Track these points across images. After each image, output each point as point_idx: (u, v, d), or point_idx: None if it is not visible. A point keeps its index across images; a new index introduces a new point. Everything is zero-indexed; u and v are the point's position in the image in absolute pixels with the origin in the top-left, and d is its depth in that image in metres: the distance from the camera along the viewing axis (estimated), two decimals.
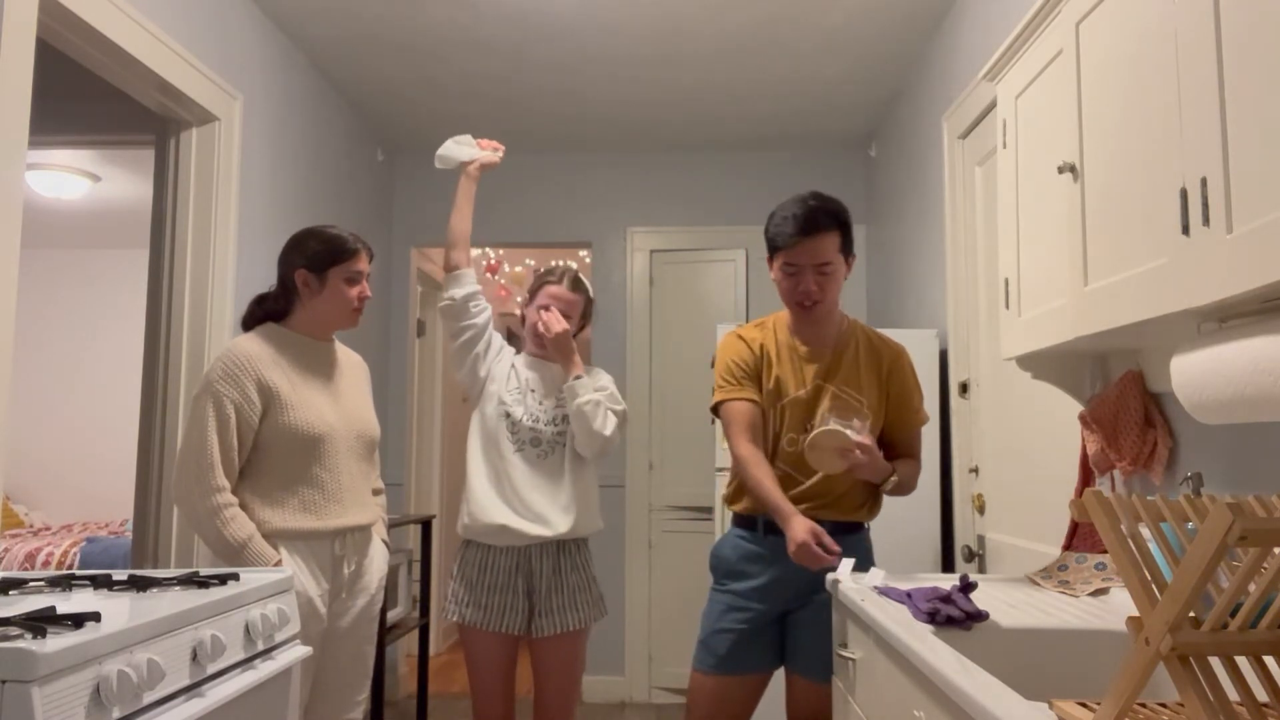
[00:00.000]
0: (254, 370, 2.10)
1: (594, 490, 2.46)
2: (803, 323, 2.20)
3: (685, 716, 2.24)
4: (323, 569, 2.18)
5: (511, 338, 2.79)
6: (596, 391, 2.38)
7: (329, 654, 2.26)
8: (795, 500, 2.08)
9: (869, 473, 2.05)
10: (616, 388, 2.51)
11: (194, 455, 2.05)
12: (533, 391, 2.45)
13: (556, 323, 2.40)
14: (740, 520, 2.24)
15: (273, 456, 2.13)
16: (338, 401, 2.25)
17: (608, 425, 2.35)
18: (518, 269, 6.29)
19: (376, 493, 2.43)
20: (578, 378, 2.38)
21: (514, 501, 2.35)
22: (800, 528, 1.93)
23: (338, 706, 2.29)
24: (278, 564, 2.07)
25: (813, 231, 2.07)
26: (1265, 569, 0.90)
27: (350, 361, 2.38)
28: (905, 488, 2.15)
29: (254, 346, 2.15)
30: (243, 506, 2.10)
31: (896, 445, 2.19)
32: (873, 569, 1.97)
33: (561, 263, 2.68)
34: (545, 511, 2.35)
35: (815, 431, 2.00)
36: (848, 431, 1.97)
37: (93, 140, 3.76)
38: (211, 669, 1.55)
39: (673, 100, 3.94)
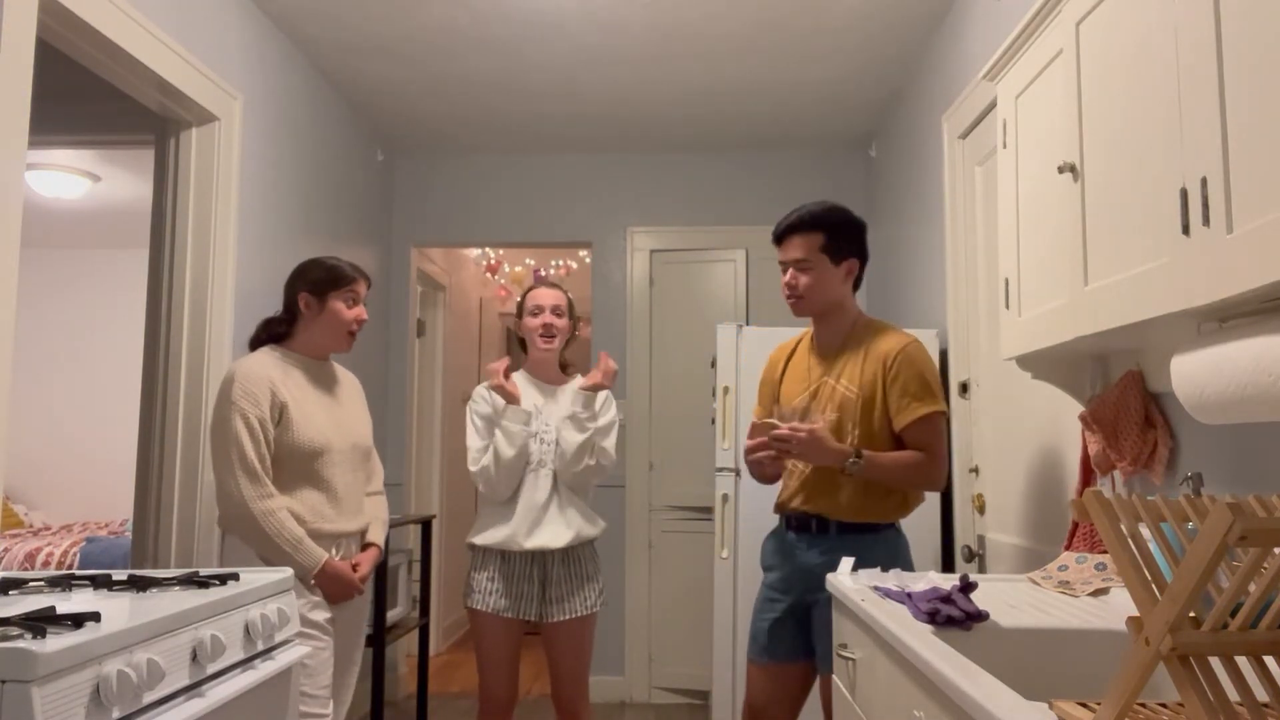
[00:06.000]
0: (268, 387, 2.27)
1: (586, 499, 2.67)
2: (816, 324, 2.37)
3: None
4: None
5: (512, 339, 2.84)
6: (583, 417, 2.57)
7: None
8: (794, 490, 2.29)
9: (813, 458, 2.16)
10: (611, 395, 2.71)
11: (240, 466, 2.21)
12: (540, 414, 2.62)
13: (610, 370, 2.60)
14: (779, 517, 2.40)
15: (280, 466, 2.28)
16: (335, 415, 2.42)
17: (579, 463, 2.55)
18: (517, 269, 6.29)
19: (372, 494, 2.57)
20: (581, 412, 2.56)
21: (523, 520, 2.53)
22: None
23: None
24: (327, 562, 2.26)
25: (787, 233, 2.28)
26: (1265, 569, 0.90)
27: (347, 379, 2.56)
28: (885, 473, 2.17)
29: (263, 366, 2.31)
30: None
31: (903, 438, 2.21)
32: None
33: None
34: (550, 527, 2.54)
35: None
36: (773, 420, 2.18)
37: (93, 140, 3.76)
38: (211, 669, 1.55)
39: (673, 100, 3.94)
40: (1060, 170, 1.58)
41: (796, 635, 2.29)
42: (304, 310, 2.41)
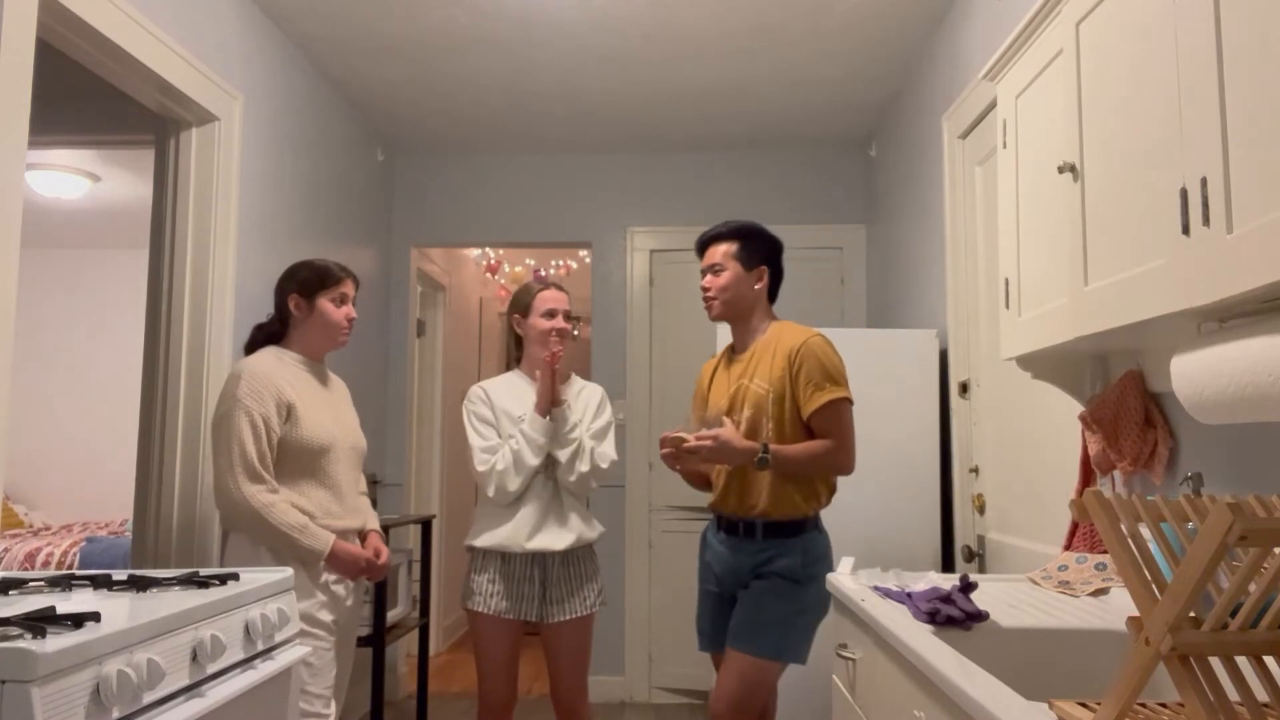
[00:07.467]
0: (274, 387, 2.28)
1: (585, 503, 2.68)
2: (733, 332, 2.51)
3: None
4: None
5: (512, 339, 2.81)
6: (573, 431, 2.56)
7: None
8: (723, 492, 2.41)
9: (724, 460, 2.29)
10: (606, 396, 2.74)
11: (241, 463, 2.22)
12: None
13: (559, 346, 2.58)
14: None
15: (287, 463, 2.29)
16: (337, 414, 2.45)
17: (575, 471, 2.53)
18: (517, 269, 6.29)
19: (360, 494, 2.59)
20: (567, 421, 2.54)
21: (523, 524, 2.53)
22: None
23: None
24: (335, 542, 2.29)
25: (708, 243, 2.49)
26: (1265, 569, 0.90)
27: (337, 382, 2.59)
28: (796, 464, 2.29)
29: (268, 366, 2.32)
30: None
31: (811, 425, 2.33)
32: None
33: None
34: (552, 529, 2.54)
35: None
36: (682, 433, 2.29)
37: (93, 140, 3.76)
38: (211, 669, 1.55)
39: (673, 100, 3.94)
40: (1060, 170, 1.58)
41: (724, 627, 2.39)
42: (295, 311, 2.42)
